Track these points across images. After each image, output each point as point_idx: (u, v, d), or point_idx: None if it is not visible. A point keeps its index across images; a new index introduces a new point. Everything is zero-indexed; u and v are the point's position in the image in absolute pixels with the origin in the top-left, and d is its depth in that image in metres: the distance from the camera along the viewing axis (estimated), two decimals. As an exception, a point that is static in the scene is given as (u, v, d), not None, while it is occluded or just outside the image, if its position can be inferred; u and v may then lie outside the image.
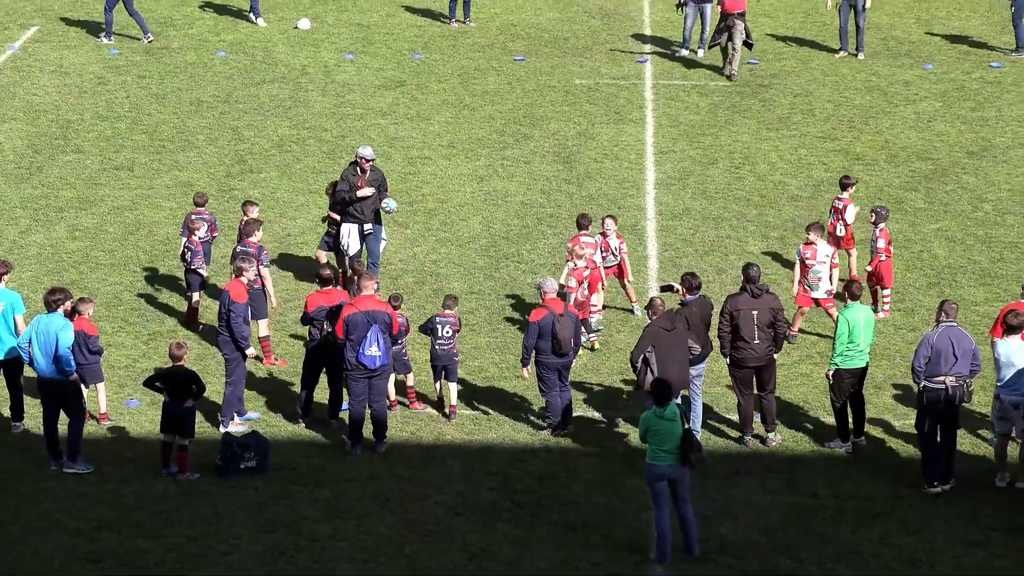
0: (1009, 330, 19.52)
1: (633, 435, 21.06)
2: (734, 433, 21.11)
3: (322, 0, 37.72)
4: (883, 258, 23.76)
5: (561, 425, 21.03)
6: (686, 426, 18.19)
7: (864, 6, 33.66)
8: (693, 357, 20.36)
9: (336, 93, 32.47)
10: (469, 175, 28.95)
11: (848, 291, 20.63)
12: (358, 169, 24.33)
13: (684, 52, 33.98)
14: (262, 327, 22.85)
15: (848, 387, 20.49)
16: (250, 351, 21.14)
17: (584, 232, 23.53)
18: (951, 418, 19.78)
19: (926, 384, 19.64)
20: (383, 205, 24.45)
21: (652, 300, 20.63)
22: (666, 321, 20.25)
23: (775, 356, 20.86)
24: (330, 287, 21.37)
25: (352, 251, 24.33)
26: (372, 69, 33.72)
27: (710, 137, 30.58)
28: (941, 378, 19.56)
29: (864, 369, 20.57)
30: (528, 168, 29.30)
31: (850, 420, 20.74)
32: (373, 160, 24.46)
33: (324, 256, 24.66)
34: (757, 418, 21.01)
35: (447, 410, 21.55)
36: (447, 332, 21.38)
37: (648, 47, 35.01)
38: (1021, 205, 27.66)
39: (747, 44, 32.61)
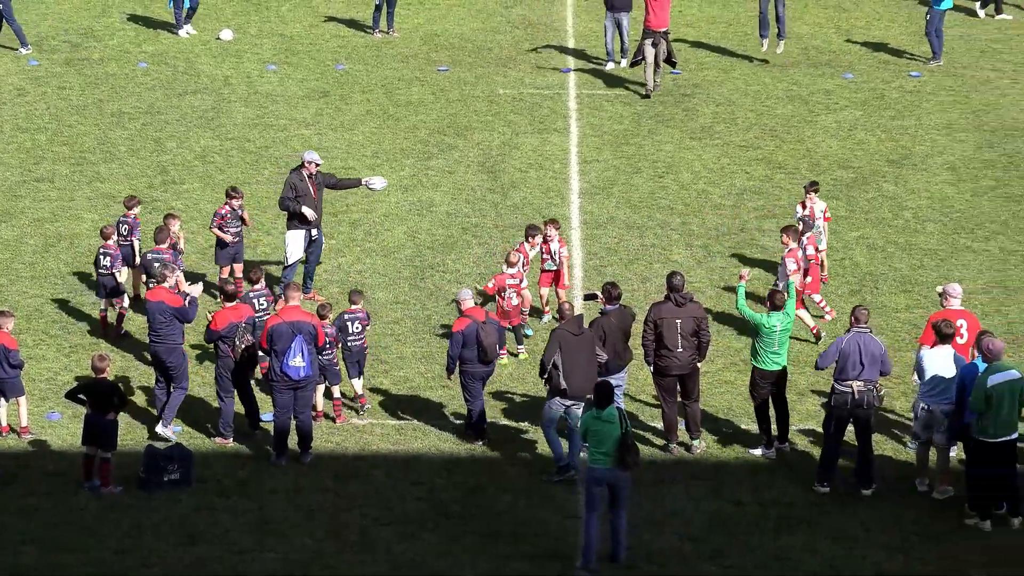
0: (941, 339, 19.60)
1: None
2: (659, 441, 21.19)
3: (244, 11, 37.59)
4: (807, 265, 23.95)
5: (483, 433, 21.05)
6: (623, 429, 18.26)
7: (780, 13, 33.97)
8: (612, 366, 20.42)
9: (259, 104, 32.36)
10: (394, 185, 28.91)
11: (771, 301, 20.79)
12: (304, 174, 24.31)
13: (611, 66, 34.07)
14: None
15: (763, 389, 20.67)
16: (196, 289, 21.41)
17: (529, 242, 23.62)
18: (864, 423, 19.92)
19: (835, 386, 19.84)
20: (370, 183, 24.65)
21: (561, 305, 20.67)
22: (573, 325, 20.31)
23: (699, 364, 20.97)
24: (236, 302, 21.24)
25: (292, 259, 24.34)
26: (295, 80, 33.64)
27: (634, 146, 30.69)
28: (849, 382, 19.73)
29: (781, 373, 20.72)
30: (453, 178, 29.31)
31: (773, 426, 20.88)
32: (320, 164, 24.57)
33: (227, 270, 24.56)
34: (682, 426, 21.10)
35: (357, 403, 21.60)
36: (357, 328, 21.57)
37: (571, 58, 35.10)
38: (940, 213, 27.94)
39: (669, 62, 32.55)
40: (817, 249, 24.28)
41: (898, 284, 25.47)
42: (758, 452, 20.86)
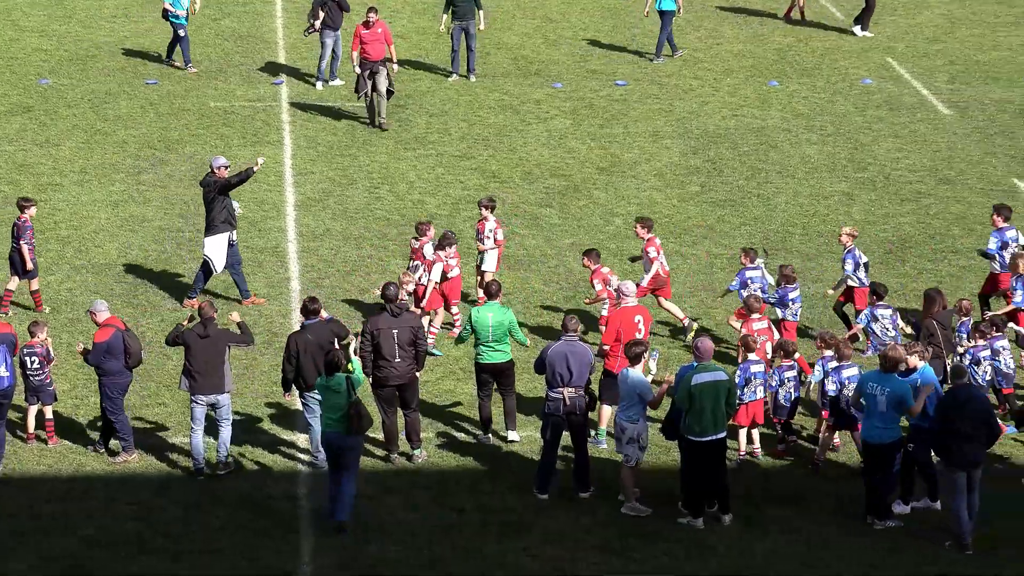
0: (632, 360, 19.86)
1: (272, 457, 20.98)
2: (380, 452, 21.20)
3: (-57, 23, 36.51)
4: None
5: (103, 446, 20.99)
6: (350, 399, 19.00)
7: (474, 31, 34.18)
8: (310, 380, 20.40)
9: (-39, 119, 31.47)
10: (103, 201, 28.39)
11: (486, 290, 21.34)
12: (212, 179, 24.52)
13: (319, 85, 33.87)
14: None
15: (485, 383, 21.02)
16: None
17: (446, 248, 23.86)
18: (578, 428, 20.21)
19: (548, 393, 20.13)
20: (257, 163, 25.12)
21: (200, 306, 20.56)
22: (199, 326, 20.36)
23: (417, 374, 21.06)
24: None
25: (220, 268, 24.52)
26: (-2, 94, 32.82)
27: (348, 158, 30.67)
28: (560, 389, 20.02)
29: (501, 365, 20.93)
30: (165, 192, 28.89)
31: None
32: (228, 166, 24.83)
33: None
34: (402, 435, 21.16)
35: (46, 435, 21.05)
36: (35, 364, 20.84)
37: (283, 70, 34.93)
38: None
39: (388, 92, 32.25)
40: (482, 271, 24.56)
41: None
42: (488, 438, 21.18)
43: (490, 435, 21.40)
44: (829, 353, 20.88)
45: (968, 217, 28.68)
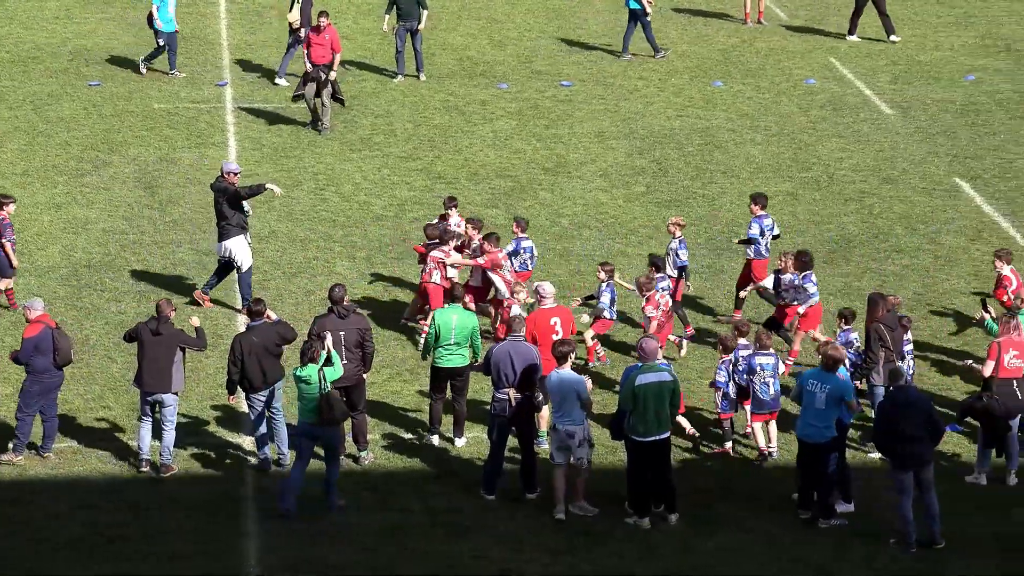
0: (560, 360, 19.87)
1: (218, 459, 20.91)
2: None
3: None
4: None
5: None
6: (322, 391, 19.37)
7: (419, 29, 34.14)
8: (255, 382, 20.29)
9: (-99, 122, 31.24)
10: (46, 203, 28.23)
11: (449, 293, 21.49)
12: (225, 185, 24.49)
13: (282, 81, 33.80)
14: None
15: (440, 387, 21.03)
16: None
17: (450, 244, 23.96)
18: (526, 430, 20.18)
19: (494, 394, 20.13)
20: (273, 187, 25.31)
21: (158, 304, 20.51)
22: (153, 322, 20.40)
23: (364, 376, 21.03)
24: None
25: (248, 265, 24.53)
26: (-62, 96, 32.60)
27: (294, 159, 30.60)
28: (506, 390, 20.01)
29: (459, 369, 20.96)
30: (108, 195, 28.76)
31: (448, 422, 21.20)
32: (239, 173, 24.93)
33: None
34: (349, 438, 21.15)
35: None
36: None
37: (227, 71, 34.82)
38: (595, 219, 28.60)
39: (337, 99, 32.13)
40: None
41: (557, 290, 25.93)
42: (434, 439, 21.15)
43: (436, 436, 21.38)
44: (743, 341, 21.28)
45: (911, 216, 28.87)
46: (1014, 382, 20.75)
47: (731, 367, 21.11)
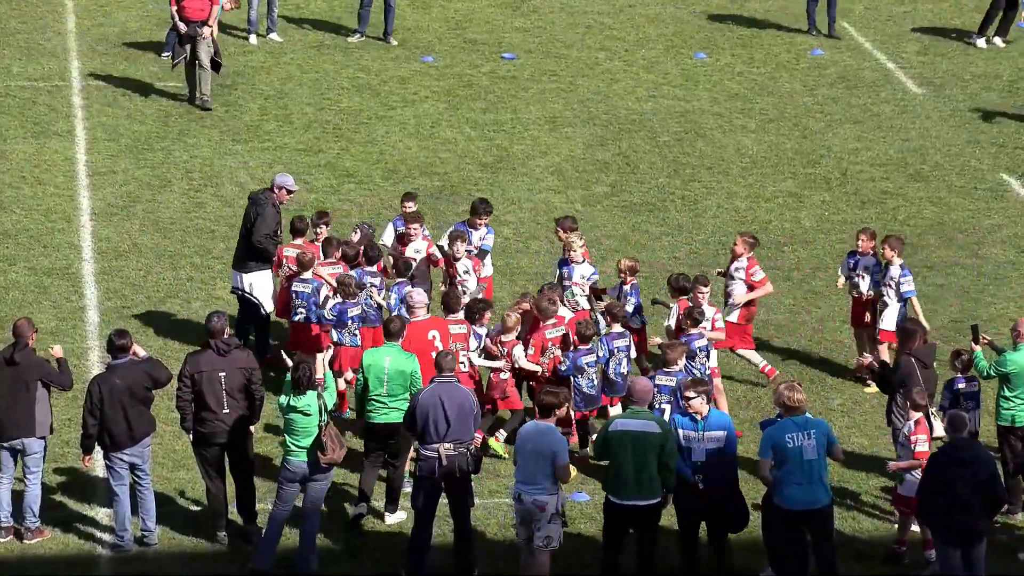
0: (542, 411, 19.58)
1: (65, 538, 20.75)
2: (206, 528, 20.99)
3: None
4: None
5: None
6: (320, 422, 19.70)
7: None
8: (120, 440, 20.18)
9: None
10: None
11: (385, 328, 21.37)
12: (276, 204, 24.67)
13: (252, 39, 33.93)
14: None
15: (373, 448, 21.08)
16: None
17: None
18: (459, 494, 20.00)
19: (419, 452, 19.97)
20: None
21: (17, 324, 20.41)
22: (8, 349, 20.38)
23: (251, 428, 20.88)
24: None
25: (269, 308, 24.46)
26: None
27: (161, 153, 30.53)
28: (435, 445, 19.83)
29: (396, 426, 20.77)
30: (-78, 198, 28.67)
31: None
32: (293, 192, 25.15)
33: None
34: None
35: None
36: None
37: (73, 39, 34.72)
38: (546, 227, 28.53)
39: (215, 64, 31.94)
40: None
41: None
42: (362, 510, 21.19)
43: (363, 507, 21.15)
44: (618, 328, 22.52)
45: (946, 223, 28.98)
46: None
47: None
